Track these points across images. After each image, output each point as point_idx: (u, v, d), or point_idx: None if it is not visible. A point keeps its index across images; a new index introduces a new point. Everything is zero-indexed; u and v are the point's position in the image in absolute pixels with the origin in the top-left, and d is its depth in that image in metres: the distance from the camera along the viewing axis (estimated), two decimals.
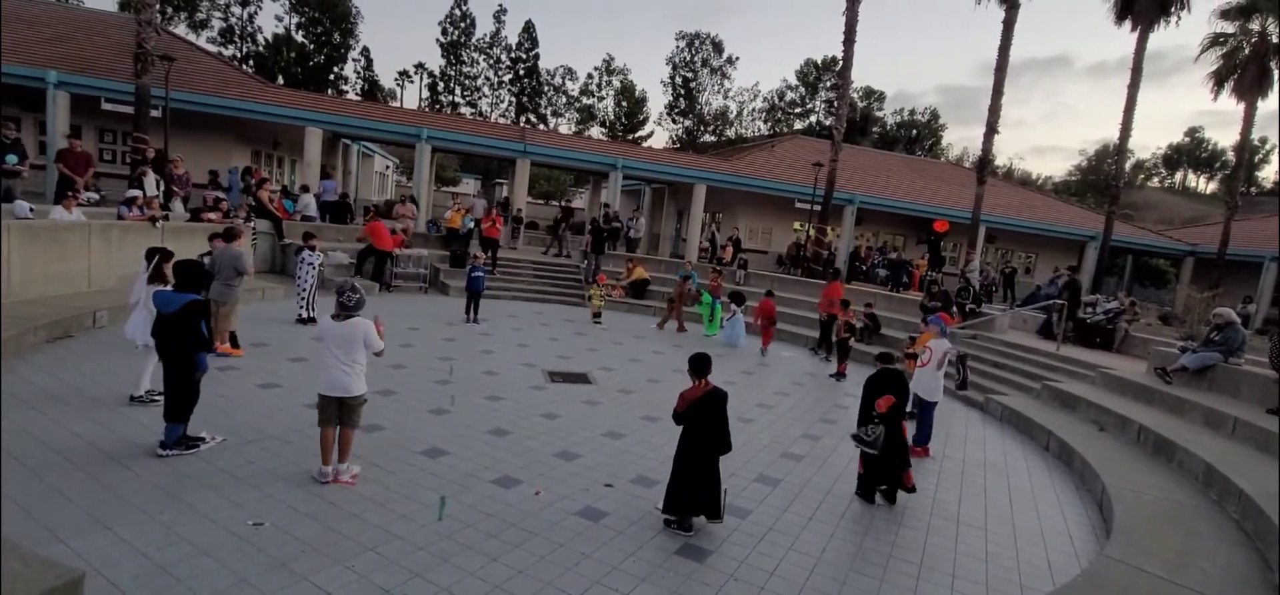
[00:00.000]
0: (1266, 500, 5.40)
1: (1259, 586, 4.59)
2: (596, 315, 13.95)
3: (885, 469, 5.82)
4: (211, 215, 12.47)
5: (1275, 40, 21.89)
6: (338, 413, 4.93)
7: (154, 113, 15.08)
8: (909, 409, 8.62)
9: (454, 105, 52.25)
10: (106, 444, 5.14)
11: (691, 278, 16.90)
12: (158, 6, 16.16)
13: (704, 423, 4.79)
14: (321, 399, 4.92)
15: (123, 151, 17.97)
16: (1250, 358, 9.50)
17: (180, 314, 5.05)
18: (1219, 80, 23.19)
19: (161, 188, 12.98)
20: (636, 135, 54.52)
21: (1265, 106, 25.44)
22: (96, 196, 12.04)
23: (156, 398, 5.88)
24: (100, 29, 21.11)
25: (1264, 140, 68.27)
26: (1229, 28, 23.03)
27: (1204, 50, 23.52)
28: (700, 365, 4.93)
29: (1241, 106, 22.95)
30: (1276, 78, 22.09)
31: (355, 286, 5.08)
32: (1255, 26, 22.44)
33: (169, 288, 5.56)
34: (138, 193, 11.44)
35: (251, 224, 13.32)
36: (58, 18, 22.09)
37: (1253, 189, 62.07)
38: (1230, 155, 45.46)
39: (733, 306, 13.59)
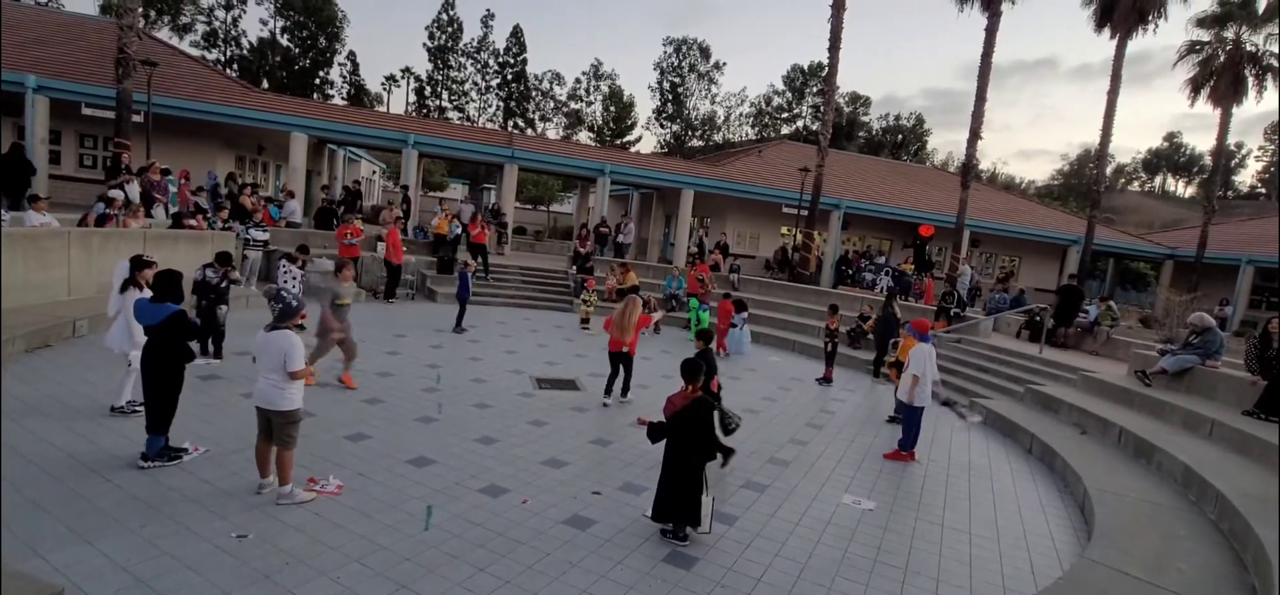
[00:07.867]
0: (1242, 501, 5.51)
1: (1235, 587, 4.68)
2: (584, 321, 13.94)
3: None
4: (191, 222, 12.33)
5: (1249, 48, 22.40)
6: (268, 427, 4.69)
7: (136, 118, 14.90)
8: (894, 414, 8.82)
9: (441, 110, 52.05)
10: (86, 455, 5.07)
11: (680, 283, 16.98)
12: (140, 10, 15.94)
13: (688, 429, 4.79)
14: (256, 409, 4.74)
15: (104, 157, 17.75)
16: (1227, 360, 9.66)
17: (163, 326, 4.98)
18: (1196, 87, 23.69)
19: (140, 194, 12.76)
20: (624, 140, 54.57)
21: (1241, 112, 26.02)
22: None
23: (137, 408, 5.80)
24: (81, 33, 20.86)
25: (1240, 145, 69.88)
26: (1205, 35, 23.55)
27: (1181, 57, 24.02)
28: (691, 371, 4.94)
29: (1217, 112, 23.48)
30: (1250, 84, 22.61)
31: (280, 295, 4.79)
32: (1230, 34, 22.95)
33: (145, 296, 5.47)
34: (118, 194, 11.22)
35: (246, 233, 13.21)
36: (37, 21, 21.83)
37: (1229, 193, 63.40)
38: (1207, 160, 46.37)
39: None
